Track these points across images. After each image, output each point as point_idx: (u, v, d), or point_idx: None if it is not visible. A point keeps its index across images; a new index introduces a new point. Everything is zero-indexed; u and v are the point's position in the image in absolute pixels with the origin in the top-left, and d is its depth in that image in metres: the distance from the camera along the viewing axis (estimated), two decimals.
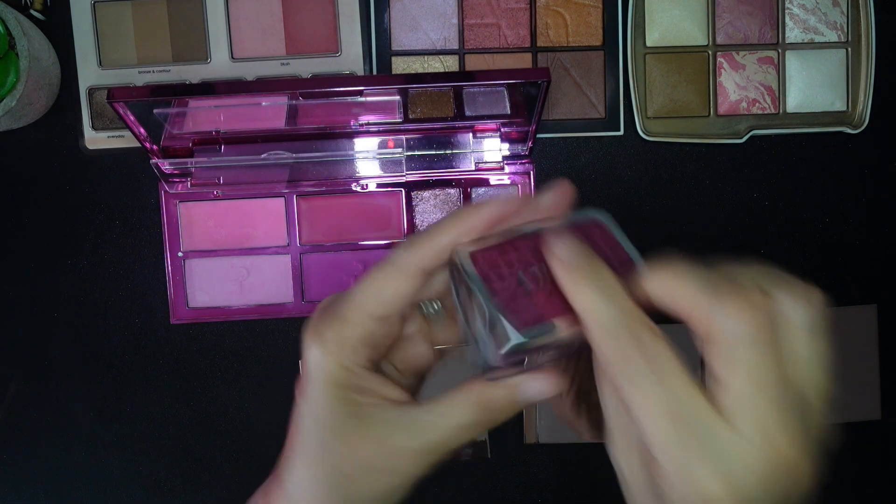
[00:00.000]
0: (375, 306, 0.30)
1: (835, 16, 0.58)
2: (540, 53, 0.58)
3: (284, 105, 0.53)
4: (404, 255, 0.30)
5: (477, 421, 0.31)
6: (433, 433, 0.30)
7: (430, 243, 0.30)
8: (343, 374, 0.31)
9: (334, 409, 0.31)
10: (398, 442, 0.30)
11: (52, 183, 0.57)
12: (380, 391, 0.31)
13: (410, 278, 0.30)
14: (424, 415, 0.31)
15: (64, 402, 0.58)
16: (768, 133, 0.58)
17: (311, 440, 0.31)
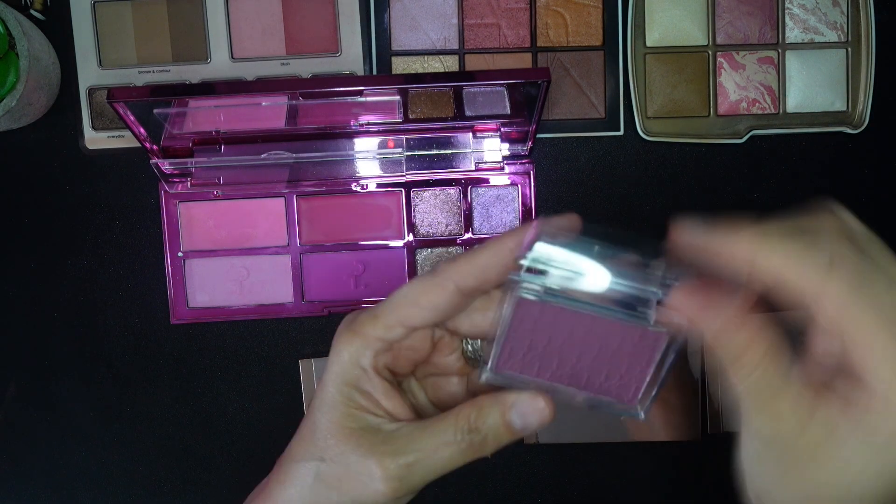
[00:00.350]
0: (407, 312, 0.31)
1: (835, 16, 0.58)
2: (540, 53, 0.58)
3: (284, 105, 0.53)
4: (446, 268, 0.31)
5: (461, 443, 0.30)
6: (415, 449, 0.30)
7: (469, 262, 0.30)
8: (354, 372, 0.31)
9: (337, 404, 0.31)
10: (381, 454, 0.30)
11: (52, 183, 0.57)
12: (384, 402, 0.32)
13: (446, 292, 0.30)
14: (411, 431, 0.31)
15: (64, 402, 0.58)
16: (768, 133, 0.58)
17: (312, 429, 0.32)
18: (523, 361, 0.30)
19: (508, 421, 0.30)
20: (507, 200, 0.58)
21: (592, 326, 0.29)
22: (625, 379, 0.30)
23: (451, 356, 0.34)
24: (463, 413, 0.31)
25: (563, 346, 0.30)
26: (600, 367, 0.30)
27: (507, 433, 0.31)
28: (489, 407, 0.30)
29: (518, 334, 0.30)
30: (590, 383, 0.30)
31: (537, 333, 0.29)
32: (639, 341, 0.29)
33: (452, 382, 0.34)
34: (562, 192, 0.58)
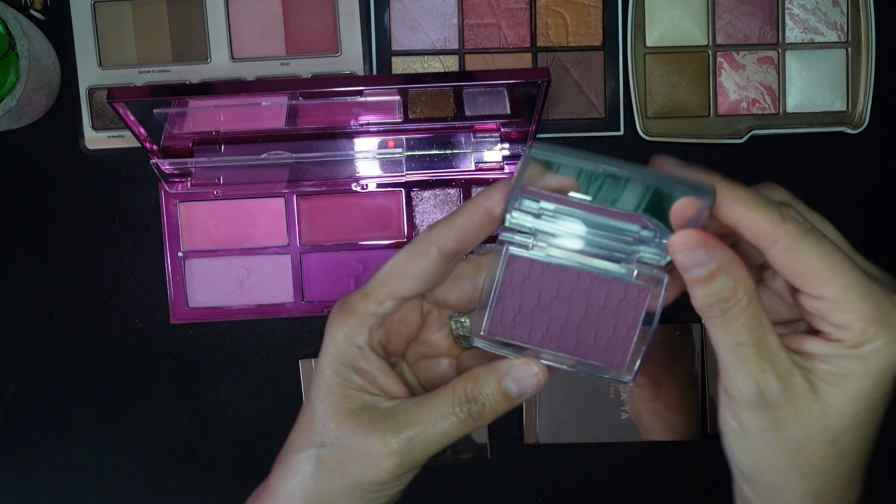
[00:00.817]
0: (395, 284, 0.31)
1: (835, 16, 0.58)
2: (540, 53, 0.58)
3: (284, 105, 0.53)
4: (424, 235, 0.32)
5: (460, 414, 0.31)
6: (414, 423, 0.31)
7: (447, 226, 0.31)
8: (350, 351, 0.32)
9: (334, 386, 0.31)
10: (381, 431, 0.31)
11: (52, 183, 0.57)
12: (380, 380, 0.32)
13: (430, 258, 0.31)
14: (409, 406, 0.31)
15: (64, 402, 0.58)
16: (768, 133, 0.58)
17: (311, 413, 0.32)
18: (514, 324, 0.31)
19: (504, 388, 0.31)
20: None
21: (579, 282, 0.30)
22: (612, 340, 0.31)
23: (439, 333, 0.34)
24: (459, 384, 0.31)
25: (551, 304, 0.30)
26: (588, 327, 0.31)
27: (504, 401, 0.31)
28: (485, 376, 0.31)
29: (509, 294, 0.30)
30: (579, 346, 0.31)
31: (527, 291, 0.30)
32: (623, 297, 0.30)
33: (442, 364, 0.35)
34: None
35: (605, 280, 0.30)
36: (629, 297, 0.30)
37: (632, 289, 0.30)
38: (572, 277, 0.30)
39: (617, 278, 0.30)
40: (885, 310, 0.28)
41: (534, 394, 0.31)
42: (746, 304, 0.28)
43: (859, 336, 0.28)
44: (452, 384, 0.31)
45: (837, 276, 0.28)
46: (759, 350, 0.28)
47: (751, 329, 0.28)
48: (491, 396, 0.31)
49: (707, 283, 0.28)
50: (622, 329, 0.31)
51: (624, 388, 0.57)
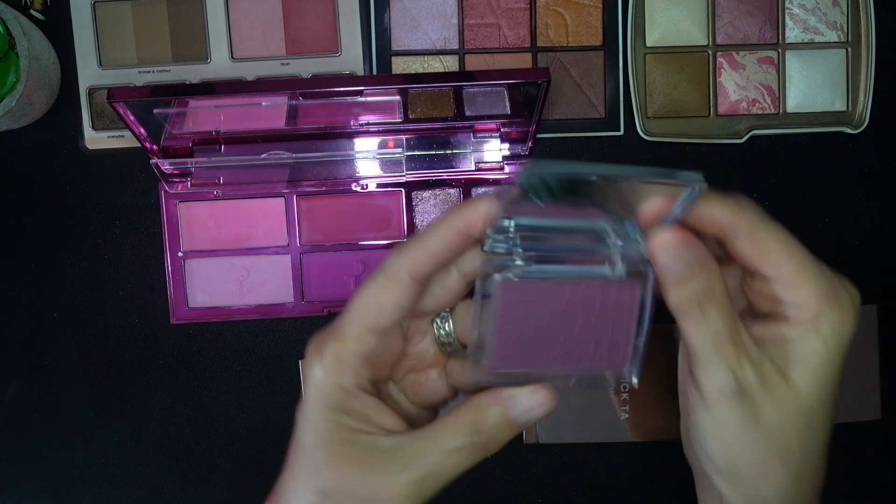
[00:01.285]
0: (371, 318, 0.29)
1: (835, 16, 0.58)
2: (540, 53, 0.58)
3: (284, 105, 0.53)
4: (394, 261, 0.29)
5: (468, 445, 0.29)
6: (422, 463, 0.29)
7: (419, 250, 0.29)
8: (339, 395, 0.30)
9: (328, 432, 0.30)
10: (387, 473, 0.29)
11: (52, 183, 0.57)
12: (375, 418, 0.30)
13: (403, 286, 0.29)
14: (414, 443, 0.30)
15: (64, 402, 0.58)
16: (768, 133, 0.58)
17: (305, 462, 0.30)
18: (516, 354, 0.29)
19: (511, 418, 0.30)
20: None
21: (571, 293, 0.29)
22: (612, 344, 0.30)
23: (424, 342, 0.33)
24: (461, 416, 0.30)
25: (549, 323, 0.29)
26: (588, 337, 0.30)
27: (511, 430, 0.30)
28: (488, 406, 0.30)
29: (505, 324, 0.29)
30: (582, 357, 0.30)
31: (524, 317, 0.29)
32: (616, 297, 0.29)
33: (431, 377, 0.33)
34: None
35: (596, 285, 0.29)
36: (621, 297, 0.30)
37: (623, 287, 0.30)
38: (565, 290, 0.29)
39: (607, 280, 0.30)
40: (836, 285, 0.29)
41: (541, 419, 0.30)
42: (724, 300, 0.29)
43: (815, 312, 0.29)
44: (454, 418, 0.30)
45: (794, 257, 0.29)
46: (734, 341, 0.29)
47: (726, 321, 0.29)
48: (497, 427, 0.30)
49: (687, 281, 0.29)
50: (620, 330, 0.30)
51: (625, 389, 0.57)
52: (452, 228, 0.29)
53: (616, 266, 0.29)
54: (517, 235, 0.29)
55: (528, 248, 0.29)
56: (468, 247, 0.30)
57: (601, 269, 0.30)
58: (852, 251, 0.59)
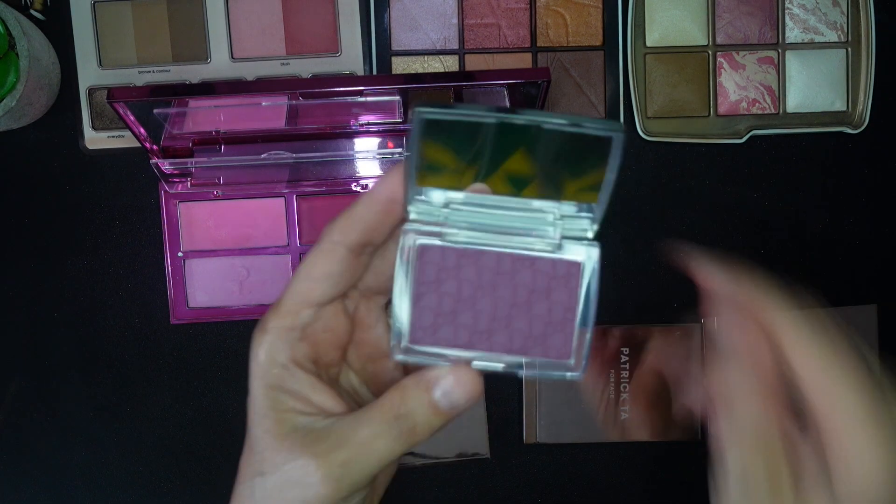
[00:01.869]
0: (307, 291, 0.29)
1: (835, 16, 0.58)
2: (540, 53, 0.58)
3: (284, 105, 0.53)
4: (325, 232, 0.29)
5: (393, 429, 0.28)
6: (348, 445, 0.28)
7: (347, 218, 0.29)
8: (275, 371, 0.29)
9: (266, 411, 0.29)
10: (314, 454, 0.28)
11: (52, 183, 0.57)
12: (313, 398, 0.29)
13: (336, 256, 0.29)
14: (343, 425, 0.29)
15: (64, 402, 0.58)
16: (768, 133, 0.58)
17: (249, 443, 0.30)
18: (436, 326, 0.27)
19: (434, 402, 0.28)
20: None
21: (500, 264, 0.27)
22: (549, 327, 0.27)
23: (376, 329, 0.31)
24: (388, 399, 0.28)
25: (474, 295, 0.27)
26: (520, 316, 0.27)
27: (436, 416, 0.28)
28: (412, 388, 0.28)
29: (424, 292, 0.27)
30: (514, 340, 0.27)
31: (444, 285, 0.27)
32: (553, 274, 0.27)
33: (389, 368, 0.32)
34: None
35: (528, 259, 0.27)
36: (559, 274, 0.27)
37: (561, 265, 0.27)
38: (492, 260, 0.27)
39: (542, 255, 0.27)
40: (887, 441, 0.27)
41: (468, 406, 0.28)
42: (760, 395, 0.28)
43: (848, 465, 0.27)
44: (381, 400, 0.28)
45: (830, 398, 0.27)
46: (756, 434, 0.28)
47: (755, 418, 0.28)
48: (421, 412, 0.28)
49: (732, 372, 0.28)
50: (558, 312, 0.27)
51: (625, 389, 0.57)
52: (378, 195, 0.28)
53: (554, 241, 0.27)
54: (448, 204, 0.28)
55: (454, 218, 0.28)
56: (397, 215, 0.29)
57: (537, 241, 0.27)
58: (852, 251, 0.59)
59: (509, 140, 0.26)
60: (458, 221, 0.28)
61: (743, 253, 0.59)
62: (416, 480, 0.59)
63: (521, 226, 0.28)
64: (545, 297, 0.27)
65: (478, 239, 0.27)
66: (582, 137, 0.25)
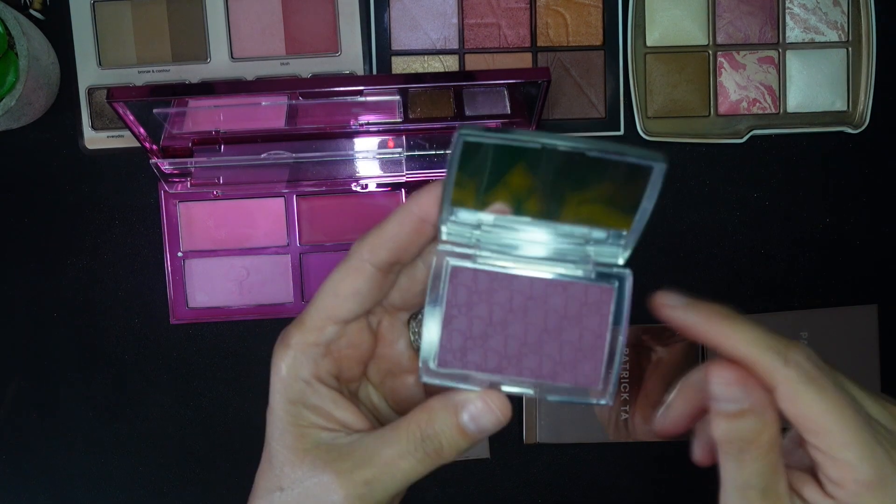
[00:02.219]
0: (331, 307, 0.29)
1: (835, 15, 0.58)
2: (540, 53, 0.58)
3: (284, 105, 0.53)
4: (355, 249, 0.29)
5: (419, 450, 0.28)
6: (373, 463, 0.28)
7: (377, 236, 0.29)
8: (298, 386, 0.29)
9: (288, 426, 0.29)
10: (338, 471, 0.28)
11: (51, 183, 0.57)
12: (336, 414, 0.29)
13: (362, 273, 0.29)
14: (368, 443, 0.28)
15: (64, 402, 0.58)
16: (768, 133, 0.58)
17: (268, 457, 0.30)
18: (465, 349, 0.27)
19: (461, 425, 0.28)
20: None
21: (532, 290, 0.27)
22: (579, 353, 0.27)
23: (399, 345, 0.31)
24: (414, 419, 0.28)
25: (505, 320, 0.27)
26: (551, 341, 0.27)
27: (462, 438, 0.28)
28: (439, 410, 0.28)
29: (455, 315, 0.27)
30: (544, 365, 0.27)
31: (475, 308, 0.27)
32: (585, 301, 0.27)
33: (408, 384, 0.32)
34: None
35: (561, 284, 0.27)
36: (591, 301, 0.27)
37: (593, 290, 0.27)
38: (525, 285, 0.27)
39: (574, 281, 0.27)
40: (885, 473, 0.26)
41: (495, 430, 0.28)
42: (766, 451, 0.27)
43: (852, 498, 0.27)
44: (408, 418, 0.28)
45: (839, 432, 0.26)
46: (764, 496, 0.27)
47: (763, 475, 0.27)
48: (447, 434, 0.28)
49: (734, 419, 0.27)
50: (588, 338, 0.27)
51: (625, 390, 0.57)
52: (409, 213, 0.28)
53: (587, 267, 0.27)
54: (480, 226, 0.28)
55: (486, 239, 0.28)
56: (428, 234, 0.29)
57: (569, 267, 0.27)
58: (852, 251, 0.59)
59: (547, 165, 0.26)
60: (490, 244, 0.28)
61: (743, 253, 0.59)
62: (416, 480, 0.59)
63: (554, 250, 0.28)
64: (576, 323, 0.27)
65: (511, 262, 0.27)
66: (623, 165, 0.25)
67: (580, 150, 0.25)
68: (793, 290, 0.59)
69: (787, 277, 0.59)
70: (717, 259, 0.59)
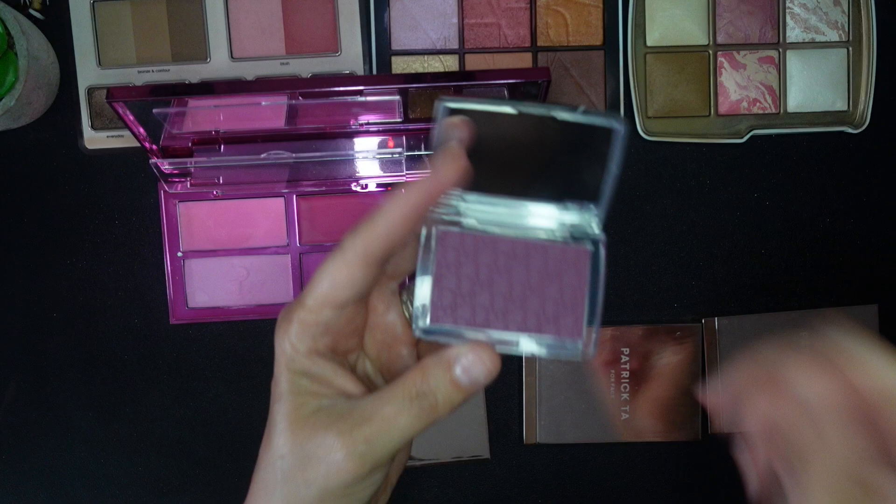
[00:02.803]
0: (331, 295, 0.30)
1: (836, 15, 0.58)
2: (540, 53, 0.58)
3: (284, 105, 0.53)
4: (349, 244, 0.30)
5: (415, 405, 0.30)
6: (371, 421, 0.29)
7: (371, 233, 0.30)
8: (300, 360, 0.31)
9: (289, 395, 0.31)
10: (338, 431, 0.29)
11: (51, 183, 0.57)
12: (335, 382, 0.31)
13: (360, 267, 0.30)
14: (366, 403, 0.30)
15: (64, 402, 0.58)
16: (769, 133, 0.58)
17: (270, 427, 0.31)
18: (455, 306, 0.29)
19: (454, 378, 0.30)
20: None
21: (515, 249, 0.29)
22: (561, 308, 0.30)
23: (389, 315, 0.33)
24: (410, 377, 0.30)
25: (490, 277, 0.29)
26: (533, 297, 0.30)
27: (456, 391, 0.30)
28: (433, 367, 0.30)
29: (444, 275, 0.29)
30: (527, 319, 0.30)
31: (463, 267, 0.29)
32: (563, 259, 0.30)
33: (403, 355, 0.33)
34: None
35: (541, 245, 0.30)
36: (569, 259, 0.30)
37: (570, 251, 0.30)
38: (507, 246, 0.30)
39: (553, 242, 0.30)
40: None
41: (486, 382, 0.30)
42: None
43: None
44: (403, 378, 0.30)
45: None
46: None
47: None
48: (442, 389, 0.30)
49: None
50: (569, 294, 0.30)
51: (625, 390, 0.57)
52: (403, 210, 0.29)
53: (564, 231, 0.30)
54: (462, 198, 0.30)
55: (471, 212, 0.31)
56: (419, 223, 0.30)
57: (548, 230, 0.30)
58: (852, 251, 0.59)
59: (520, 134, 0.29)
60: (474, 215, 0.30)
61: (743, 253, 0.59)
62: (416, 480, 0.59)
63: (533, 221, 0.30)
64: (557, 280, 0.30)
65: (493, 227, 0.30)
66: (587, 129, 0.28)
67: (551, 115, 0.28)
68: (793, 290, 0.59)
69: (787, 277, 0.59)
70: (717, 259, 0.59)
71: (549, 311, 0.30)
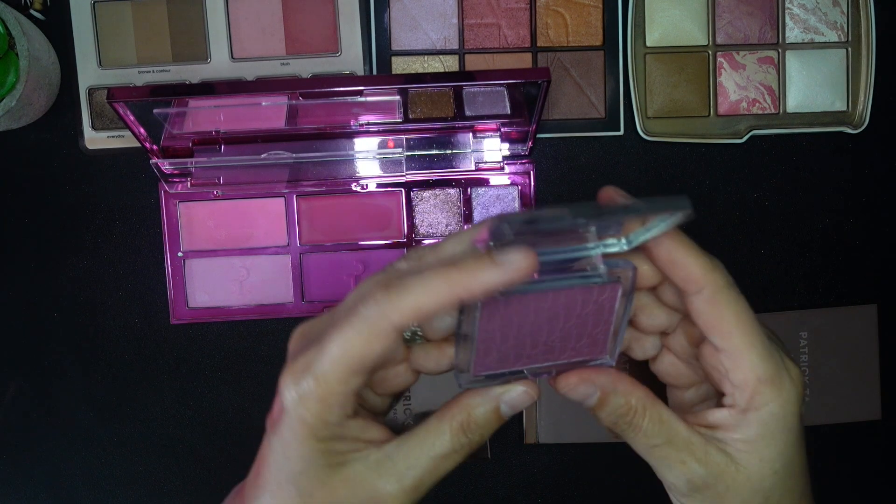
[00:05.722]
0: (355, 363, 0.28)
1: (835, 15, 0.58)
2: (540, 53, 0.58)
3: (284, 105, 0.53)
4: (379, 312, 0.27)
5: (458, 445, 0.30)
6: (416, 469, 0.30)
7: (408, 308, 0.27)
8: (325, 428, 0.29)
9: (313, 459, 0.29)
10: (382, 485, 0.29)
11: (52, 183, 0.57)
12: (361, 436, 0.30)
13: (388, 339, 0.28)
14: (405, 451, 0.30)
15: (64, 402, 0.58)
16: (768, 133, 0.58)
17: (285, 483, 0.30)
18: (499, 358, 0.30)
19: (501, 415, 0.31)
20: (507, 201, 0.58)
21: (554, 301, 0.29)
22: (593, 337, 0.31)
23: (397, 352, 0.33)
24: (455, 419, 0.30)
25: (531, 329, 0.30)
26: (569, 334, 0.30)
27: (497, 421, 0.31)
28: (478, 406, 0.30)
29: (488, 336, 0.29)
30: (563, 351, 0.31)
31: (506, 328, 0.29)
32: (597, 299, 0.30)
33: (399, 372, 0.32)
34: (561, 192, 0.58)
35: (578, 290, 0.29)
36: (602, 297, 0.30)
37: (604, 288, 0.30)
38: (547, 300, 0.29)
39: (589, 286, 0.29)
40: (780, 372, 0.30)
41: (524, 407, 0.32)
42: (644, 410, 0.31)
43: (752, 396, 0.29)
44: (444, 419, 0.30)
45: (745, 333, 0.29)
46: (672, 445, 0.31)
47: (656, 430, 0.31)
48: (486, 422, 0.31)
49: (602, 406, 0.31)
50: (600, 326, 0.31)
51: None
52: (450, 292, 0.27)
53: (598, 268, 0.30)
54: None
55: None
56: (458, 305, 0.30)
57: (583, 274, 0.30)
58: (852, 251, 0.59)
59: None
60: None
61: (743, 253, 0.59)
62: None
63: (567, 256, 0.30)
64: (592, 315, 0.30)
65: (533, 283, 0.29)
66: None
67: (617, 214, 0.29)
68: (793, 290, 0.59)
69: (787, 277, 0.59)
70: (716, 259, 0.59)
71: (582, 341, 0.31)
